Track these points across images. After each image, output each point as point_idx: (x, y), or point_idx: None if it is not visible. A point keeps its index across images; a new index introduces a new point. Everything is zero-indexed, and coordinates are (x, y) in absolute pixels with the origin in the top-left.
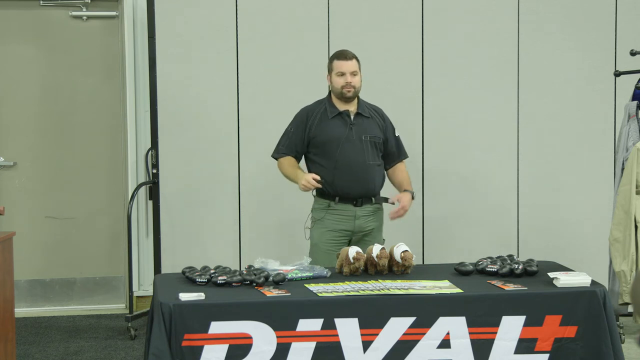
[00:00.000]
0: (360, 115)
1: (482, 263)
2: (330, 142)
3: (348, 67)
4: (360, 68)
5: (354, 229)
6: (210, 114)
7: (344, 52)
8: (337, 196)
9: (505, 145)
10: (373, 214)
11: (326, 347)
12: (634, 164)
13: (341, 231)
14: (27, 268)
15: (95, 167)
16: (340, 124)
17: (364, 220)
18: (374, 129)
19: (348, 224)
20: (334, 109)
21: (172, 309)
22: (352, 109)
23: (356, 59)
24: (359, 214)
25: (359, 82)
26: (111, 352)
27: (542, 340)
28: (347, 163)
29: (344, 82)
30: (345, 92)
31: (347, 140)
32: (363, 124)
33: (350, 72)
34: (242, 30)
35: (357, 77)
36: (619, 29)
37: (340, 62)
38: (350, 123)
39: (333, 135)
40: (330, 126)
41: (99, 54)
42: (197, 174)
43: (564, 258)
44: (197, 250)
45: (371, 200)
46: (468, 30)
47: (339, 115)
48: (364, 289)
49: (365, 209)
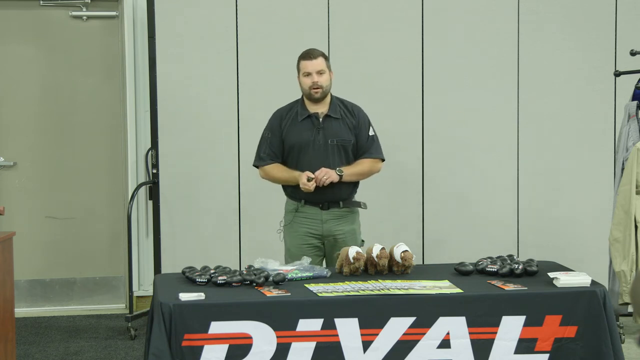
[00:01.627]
0: (330, 118)
1: (482, 263)
2: (297, 146)
3: (314, 66)
4: (329, 66)
5: (322, 233)
6: (210, 114)
7: (309, 52)
8: (303, 199)
9: (505, 145)
10: (343, 217)
11: (326, 347)
12: (634, 164)
13: (311, 235)
14: (27, 268)
15: (95, 167)
16: (308, 128)
17: (333, 224)
18: (343, 132)
19: (316, 227)
20: (304, 112)
21: (172, 309)
22: (322, 110)
23: (323, 57)
24: (326, 218)
25: (326, 80)
26: (111, 352)
27: (542, 340)
28: (312, 168)
29: (311, 82)
30: (312, 92)
31: (313, 145)
32: (332, 127)
33: (316, 72)
34: (242, 30)
35: (325, 75)
36: (619, 29)
37: (306, 62)
38: (319, 126)
39: (300, 139)
40: (298, 129)
41: (99, 54)
42: (197, 174)
43: (564, 258)
44: (197, 250)
45: (339, 204)
46: (468, 30)
47: (309, 118)
48: (364, 289)
49: (333, 213)
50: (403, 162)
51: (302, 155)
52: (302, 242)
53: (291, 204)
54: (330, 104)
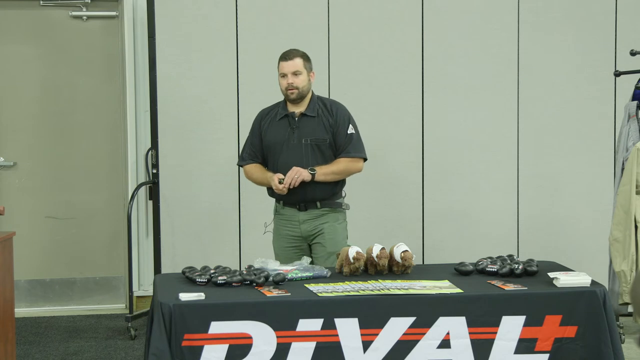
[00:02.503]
0: (306, 117)
1: (482, 263)
2: (273, 145)
3: (289, 67)
4: (309, 66)
5: (301, 234)
6: (210, 114)
7: (286, 52)
8: (282, 200)
9: (505, 145)
10: (321, 216)
11: (326, 347)
12: (634, 164)
13: (292, 237)
14: (27, 268)
15: (95, 167)
16: (284, 127)
17: (311, 225)
18: (318, 130)
19: (295, 229)
20: (283, 111)
21: (172, 309)
22: (300, 109)
23: (303, 58)
24: (303, 219)
25: (302, 82)
26: (111, 352)
27: (542, 340)
28: (285, 167)
29: (286, 84)
30: (288, 94)
31: (288, 144)
32: (306, 126)
33: (291, 73)
34: (242, 30)
35: (301, 76)
36: (619, 29)
37: (282, 63)
38: (294, 125)
39: (275, 138)
40: (275, 129)
41: (99, 54)
42: (197, 174)
43: (564, 258)
44: (197, 250)
45: (316, 205)
46: (468, 30)
47: (285, 118)
48: (364, 289)
49: (310, 213)
50: (403, 162)
51: (278, 155)
52: (285, 245)
53: (275, 205)
54: (309, 103)
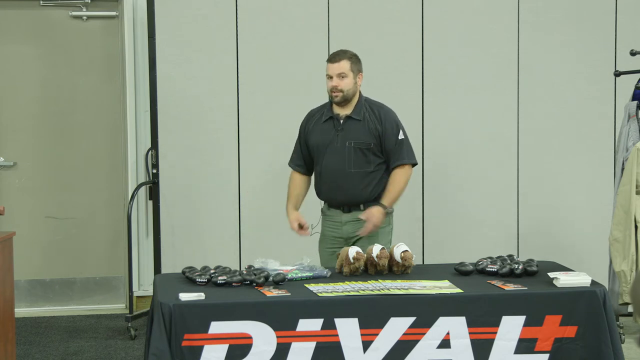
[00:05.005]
0: (351, 119)
1: (482, 263)
2: (317, 147)
3: (334, 69)
4: (355, 69)
5: (342, 235)
6: (210, 114)
7: (334, 54)
8: (326, 202)
9: (505, 145)
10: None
11: (326, 347)
12: (634, 164)
13: (334, 239)
14: (27, 268)
15: (95, 167)
16: (329, 129)
17: (353, 227)
18: (362, 134)
19: (337, 230)
20: (328, 113)
21: (172, 309)
22: (345, 112)
23: (350, 60)
24: (346, 220)
25: (348, 85)
26: (111, 352)
27: (542, 340)
28: (329, 170)
29: (331, 86)
30: (332, 96)
31: (331, 147)
32: (351, 129)
33: (336, 75)
34: (242, 30)
35: (346, 79)
36: (619, 29)
37: (328, 65)
38: (338, 128)
39: (319, 140)
40: (319, 131)
41: (99, 54)
42: (197, 174)
43: (564, 258)
44: (197, 250)
45: (359, 207)
46: (468, 30)
47: (330, 120)
48: (364, 289)
49: (354, 215)
50: None
51: (321, 156)
52: (327, 246)
53: (322, 206)
54: (356, 105)
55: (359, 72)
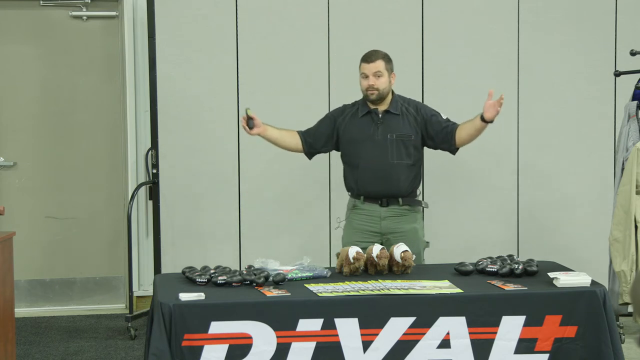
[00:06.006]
0: (390, 114)
1: (482, 263)
2: (355, 141)
3: (370, 69)
4: (390, 68)
5: (381, 230)
6: (210, 114)
7: (368, 54)
8: (362, 195)
9: (505, 145)
10: (403, 215)
11: (326, 347)
12: (634, 164)
13: (369, 232)
14: (27, 268)
15: (95, 167)
16: (367, 123)
17: (392, 222)
18: (404, 127)
19: (375, 225)
20: (364, 108)
21: (172, 309)
22: (382, 107)
23: (384, 59)
24: (385, 215)
25: (384, 83)
26: (111, 352)
27: (542, 340)
28: (369, 162)
29: (367, 85)
30: (368, 94)
31: (372, 139)
32: (391, 123)
33: (372, 74)
34: (242, 30)
35: (382, 78)
36: (619, 29)
37: (364, 64)
38: (378, 121)
39: (358, 134)
40: (357, 125)
41: (99, 54)
42: (197, 174)
43: (564, 258)
44: (197, 250)
45: (398, 201)
46: (468, 30)
47: (368, 114)
48: (364, 289)
49: (392, 210)
50: None
51: (361, 150)
52: (358, 239)
53: (351, 201)
54: (391, 101)
55: (392, 71)
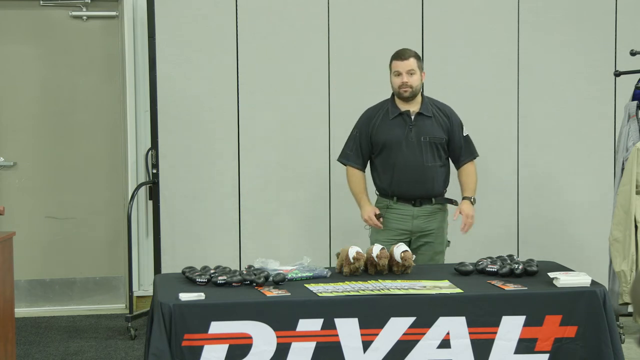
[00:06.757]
0: (422, 115)
1: (482, 263)
2: (389, 143)
3: (404, 66)
4: (421, 66)
5: (412, 229)
6: (210, 114)
7: (401, 52)
8: (395, 196)
9: (505, 145)
10: (433, 214)
11: (326, 347)
12: (634, 164)
13: (399, 230)
14: (27, 268)
15: (95, 167)
16: (400, 125)
17: (424, 221)
18: (436, 130)
19: (406, 223)
20: (395, 109)
21: (172, 309)
22: (414, 108)
23: (415, 57)
24: (417, 214)
25: (417, 81)
26: (111, 352)
27: (542, 340)
28: (405, 165)
29: (400, 82)
30: (402, 92)
31: (406, 142)
32: (424, 125)
33: (406, 72)
34: (242, 30)
35: (415, 76)
36: (619, 29)
37: (397, 62)
38: (410, 124)
39: (392, 136)
40: (390, 127)
41: (99, 54)
42: (197, 174)
43: (564, 258)
44: (197, 250)
45: (431, 201)
46: (468, 30)
47: (400, 116)
48: (364, 289)
49: (424, 209)
50: None
51: (395, 152)
52: (390, 237)
53: (381, 201)
54: (422, 102)
55: (422, 70)
